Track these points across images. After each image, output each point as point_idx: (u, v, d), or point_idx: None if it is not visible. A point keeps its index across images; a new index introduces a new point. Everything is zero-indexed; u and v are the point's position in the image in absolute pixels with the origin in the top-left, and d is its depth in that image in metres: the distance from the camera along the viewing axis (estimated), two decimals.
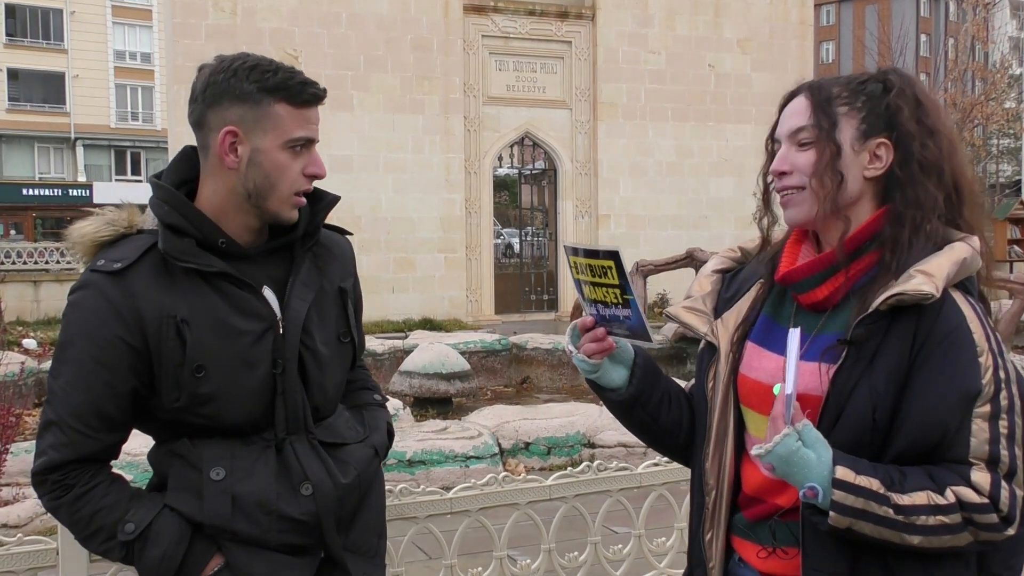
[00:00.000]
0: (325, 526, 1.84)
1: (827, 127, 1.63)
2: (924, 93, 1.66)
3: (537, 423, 7.41)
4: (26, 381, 8.75)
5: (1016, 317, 11.73)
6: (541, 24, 19.02)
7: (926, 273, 1.53)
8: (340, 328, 1.96)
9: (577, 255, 1.73)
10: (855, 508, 1.47)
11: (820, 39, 48.97)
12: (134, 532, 1.76)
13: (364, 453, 1.96)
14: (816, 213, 1.65)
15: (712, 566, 1.76)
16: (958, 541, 1.49)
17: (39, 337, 14.64)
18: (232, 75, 1.79)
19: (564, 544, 2.84)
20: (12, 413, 6.27)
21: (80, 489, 1.78)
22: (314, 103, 1.83)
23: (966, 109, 28.06)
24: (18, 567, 2.14)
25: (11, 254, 20.11)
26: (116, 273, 1.75)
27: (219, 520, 1.78)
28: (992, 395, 1.50)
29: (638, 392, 1.82)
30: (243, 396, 1.80)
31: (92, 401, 1.75)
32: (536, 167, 20.42)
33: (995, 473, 1.50)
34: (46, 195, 37.98)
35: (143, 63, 42.94)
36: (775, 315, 1.74)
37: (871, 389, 1.53)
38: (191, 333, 1.75)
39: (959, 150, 1.66)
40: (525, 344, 11.80)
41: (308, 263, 1.91)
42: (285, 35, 17.21)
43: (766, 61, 20.10)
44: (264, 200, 1.82)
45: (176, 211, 1.79)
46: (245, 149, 1.79)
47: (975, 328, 1.53)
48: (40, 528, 5.46)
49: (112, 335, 1.73)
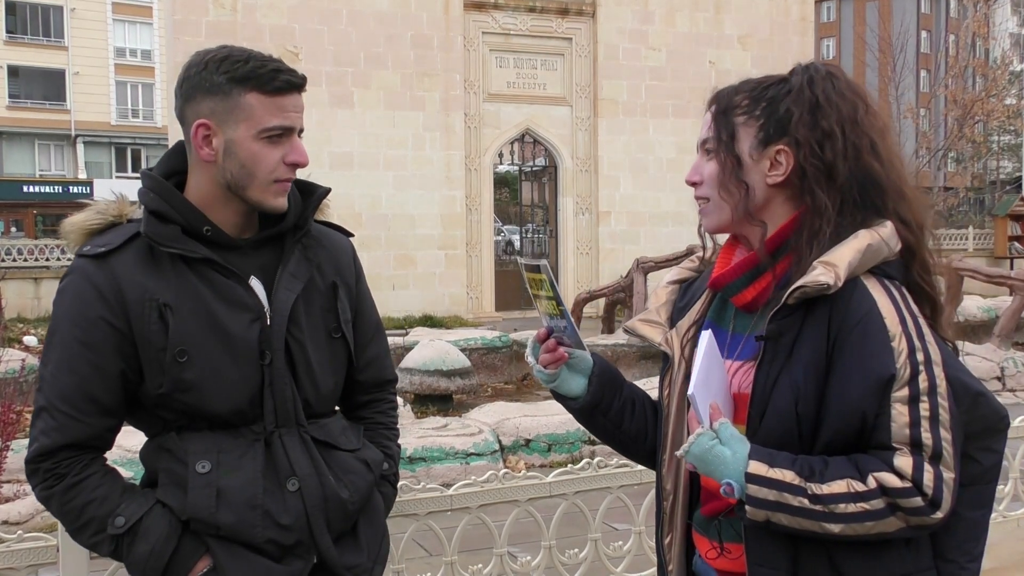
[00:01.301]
0: (313, 524, 1.81)
1: (725, 139, 1.66)
2: (830, 91, 1.64)
3: (538, 420, 7.43)
4: (27, 378, 8.76)
5: (1016, 313, 11.73)
6: (541, 21, 19.01)
7: (827, 263, 1.54)
8: (330, 323, 1.93)
9: (526, 270, 1.78)
10: (768, 500, 1.50)
11: (821, 35, 48.94)
12: (124, 526, 1.74)
13: (355, 465, 1.92)
14: (728, 220, 1.69)
15: (671, 569, 1.79)
16: (885, 527, 1.50)
17: (40, 334, 14.66)
18: (203, 68, 1.78)
19: (564, 541, 2.84)
20: (13, 410, 6.28)
21: (72, 479, 1.76)
22: (288, 90, 1.79)
23: (967, 105, 28.02)
24: (19, 563, 2.14)
25: (12, 251, 20.09)
26: (99, 256, 1.76)
27: (203, 514, 1.75)
28: (909, 378, 1.51)
29: (596, 400, 1.85)
30: (227, 385, 1.78)
31: (79, 384, 1.74)
32: (536, 164, 20.42)
33: (918, 456, 1.50)
34: (47, 192, 37.99)
35: (143, 60, 42.91)
36: (718, 320, 1.77)
37: (791, 383, 1.55)
38: (174, 317, 1.74)
39: (872, 147, 1.63)
40: (526, 341, 11.74)
41: (297, 255, 1.89)
42: (285, 32, 17.20)
43: (767, 58, 20.08)
44: (244, 190, 1.80)
45: (161, 198, 1.79)
46: (219, 141, 1.78)
47: (887, 312, 1.53)
48: (41, 525, 5.46)
49: (96, 316, 1.74)
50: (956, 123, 29.04)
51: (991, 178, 42.79)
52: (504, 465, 6.88)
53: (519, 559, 2.80)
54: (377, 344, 2.07)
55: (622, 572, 2.94)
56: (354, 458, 1.93)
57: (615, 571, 2.93)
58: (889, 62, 28.41)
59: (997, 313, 12.60)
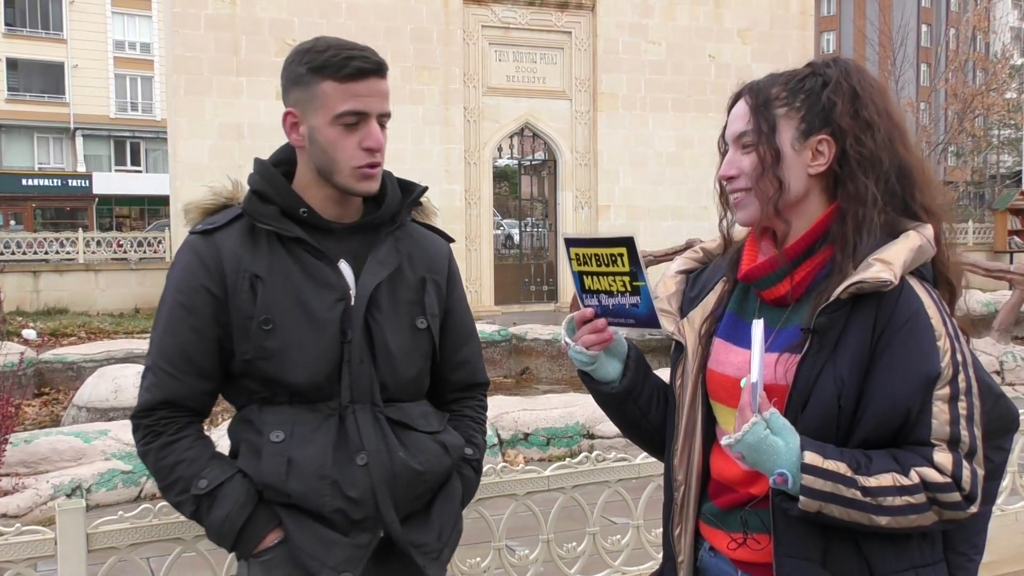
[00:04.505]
0: (380, 499, 1.87)
1: (766, 131, 1.65)
2: (863, 83, 1.66)
3: (536, 414, 7.40)
4: (25, 371, 8.76)
5: (1016, 308, 11.74)
6: (541, 14, 18.98)
7: (884, 261, 1.55)
8: (415, 314, 2.01)
9: (580, 246, 1.73)
10: (824, 492, 1.50)
11: (821, 29, 48.90)
12: (205, 488, 1.85)
13: (432, 446, 1.98)
14: (767, 213, 1.68)
15: (681, 560, 1.79)
16: (924, 520, 1.52)
17: (38, 327, 14.66)
18: (292, 60, 1.92)
19: (562, 535, 2.84)
20: (11, 403, 6.28)
21: (168, 438, 1.88)
22: (360, 76, 1.87)
23: (967, 99, 28.03)
24: (17, 557, 2.14)
25: (11, 244, 20.08)
26: (206, 232, 1.93)
27: (274, 480, 1.84)
28: (951, 378, 1.54)
29: (631, 385, 1.85)
30: (306, 357, 1.87)
31: (179, 344, 1.89)
32: (536, 158, 20.40)
33: (956, 453, 1.53)
34: (46, 185, 37.98)
35: (143, 53, 42.84)
36: (740, 311, 1.77)
37: (835, 376, 1.56)
38: (263, 288, 1.88)
39: (904, 138, 1.67)
40: (525, 335, 11.81)
41: (388, 244, 1.99)
42: (284, 25, 17.16)
43: (767, 52, 20.06)
44: (331, 175, 1.92)
45: (264, 179, 1.94)
46: (305, 128, 1.91)
47: (932, 313, 1.56)
48: (39, 518, 5.47)
49: (198, 284, 1.89)
50: (956, 117, 29.04)
51: (991, 172, 42.78)
52: (502, 459, 6.88)
53: (517, 553, 2.80)
54: (470, 347, 2.16)
55: (620, 566, 2.94)
56: (431, 439, 1.99)
57: (613, 565, 2.93)
58: (889, 56, 28.38)
59: (996, 307, 12.61)
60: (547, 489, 2.75)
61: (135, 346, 10.45)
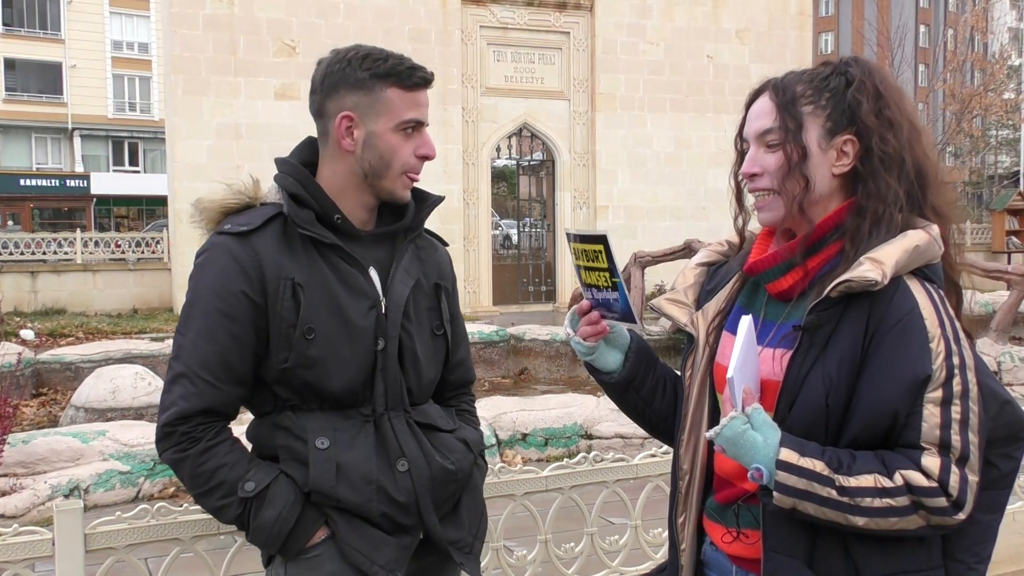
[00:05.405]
0: (422, 503, 1.92)
1: (793, 129, 1.63)
2: (885, 83, 1.66)
3: (534, 414, 7.39)
4: (23, 371, 8.75)
5: (1014, 308, 11.74)
6: (539, 15, 18.98)
7: (874, 260, 1.55)
8: (433, 320, 2.06)
9: (574, 241, 1.78)
10: (797, 488, 1.50)
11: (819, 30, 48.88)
12: (254, 491, 1.84)
13: (457, 445, 2.04)
14: (792, 213, 1.66)
15: (683, 548, 1.81)
16: (907, 524, 1.51)
17: (36, 327, 14.65)
18: (347, 64, 1.92)
19: (560, 535, 2.84)
20: (9, 404, 6.27)
21: (207, 443, 1.85)
22: (423, 86, 1.94)
23: (965, 100, 28.04)
24: (14, 557, 2.14)
25: (8, 244, 20.05)
26: (242, 234, 1.88)
27: (324, 486, 1.85)
28: (944, 380, 1.51)
29: (631, 375, 1.88)
30: (343, 365, 1.89)
31: (219, 352, 1.85)
32: (534, 158, 20.40)
33: (946, 458, 1.51)
34: (43, 185, 37.95)
35: (140, 53, 42.80)
36: (748, 305, 1.77)
37: (824, 375, 1.55)
38: (305, 296, 1.86)
39: (921, 138, 1.66)
40: (523, 335, 11.79)
41: (411, 253, 2.04)
42: (283, 25, 17.16)
43: (765, 52, 20.07)
44: (380, 179, 1.94)
45: (300, 183, 1.93)
46: (361, 132, 1.92)
47: (928, 314, 1.54)
48: (37, 519, 5.46)
49: (237, 289, 1.85)
50: (954, 117, 29.06)
51: (989, 173, 42.82)
52: (501, 459, 6.87)
53: (515, 553, 2.80)
54: (465, 348, 2.22)
55: (618, 566, 2.94)
56: (454, 438, 2.05)
57: (611, 565, 2.93)
58: (887, 56, 28.38)
59: (994, 308, 12.61)
60: (545, 489, 2.75)
61: (133, 346, 10.44)
